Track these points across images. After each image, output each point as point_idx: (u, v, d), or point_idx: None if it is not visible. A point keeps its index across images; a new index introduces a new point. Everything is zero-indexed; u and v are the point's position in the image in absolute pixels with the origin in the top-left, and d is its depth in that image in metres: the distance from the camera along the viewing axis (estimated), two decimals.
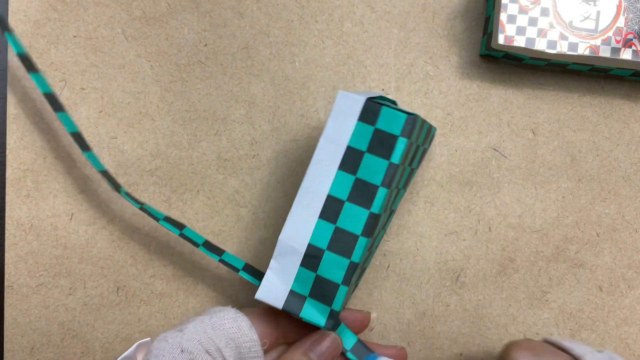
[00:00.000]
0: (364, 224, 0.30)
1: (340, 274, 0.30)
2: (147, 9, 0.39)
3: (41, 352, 0.38)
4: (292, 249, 0.30)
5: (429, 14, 0.39)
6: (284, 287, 0.30)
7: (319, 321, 0.30)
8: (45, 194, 0.38)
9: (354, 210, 0.30)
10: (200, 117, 0.39)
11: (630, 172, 0.39)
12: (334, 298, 0.30)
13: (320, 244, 0.30)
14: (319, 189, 0.30)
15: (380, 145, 0.29)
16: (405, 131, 0.29)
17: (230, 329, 0.31)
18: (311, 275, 0.30)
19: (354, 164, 0.30)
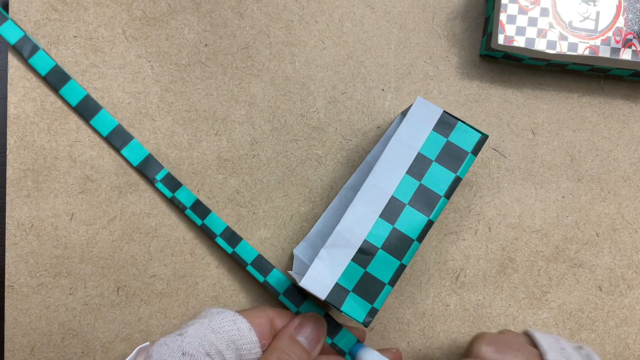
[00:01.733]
0: (421, 230, 0.31)
1: (389, 274, 0.30)
2: (148, 9, 0.39)
3: (41, 352, 0.38)
4: (347, 242, 0.30)
5: (429, 14, 0.39)
6: (331, 279, 0.30)
7: (359, 317, 0.30)
8: (45, 194, 0.38)
9: (413, 214, 0.31)
10: (201, 117, 0.39)
11: (629, 172, 0.39)
12: (377, 296, 0.30)
13: (376, 242, 0.30)
14: (384, 189, 0.31)
15: (450, 158, 0.31)
16: (476, 149, 0.31)
17: (230, 331, 0.31)
18: (360, 271, 0.30)
19: (421, 171, 0.31)
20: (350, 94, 0.39)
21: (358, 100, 0.39)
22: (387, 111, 0.39)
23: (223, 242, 0.37)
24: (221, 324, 0.31)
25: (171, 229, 0.38)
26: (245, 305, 0.38)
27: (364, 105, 0.39)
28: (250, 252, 0.36)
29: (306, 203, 0.39)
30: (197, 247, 0.38)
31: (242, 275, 0.38)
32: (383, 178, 0.31)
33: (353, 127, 0.39)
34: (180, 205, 0.37)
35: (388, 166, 0.31)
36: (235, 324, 0.31)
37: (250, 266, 0.36)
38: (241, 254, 0.36)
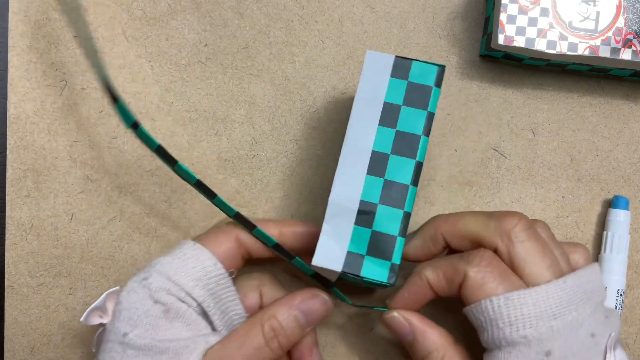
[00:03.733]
0: (412, 174, 0.30)
1: (396, 226, 0.30)
2: (148, 9, 0.39)
3: (41, 352, 0.38)
4: (344, 208, 0.30)
5: (429, 14, 0.39)
6: (341, 249, 0.30)
7: (381, 277, 0.29)
8: (45, 194, 0.38)
9: (400, 161, 0.30)
10: (201, 118, 0.39)
11: (629, 172, 0.39)
12: (393, 252, 0.30)
13: (373, 199, 0.30)
14: (362, 146, 0.31)
15: (416, 97, 0.31)
16: (438, 82, 0.31)
17: (193, 269, 0.30)
18: (367, 232, 0.30)
19: (393, 118, 0.31)
20: (350, 94, 0.39)
21: None
22: None
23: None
24: (183, 262, 0.30)
25: (171, 229, 0.38)
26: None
27: None
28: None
29: (306, 203, 0.39)
30: None
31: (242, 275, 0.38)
32: (358, 137, 0.31)
33: None
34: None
35: (359, 124, 0.31)
36: (198, 259, 0.31)
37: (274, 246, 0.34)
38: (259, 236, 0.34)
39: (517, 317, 0.27)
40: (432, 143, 0.39)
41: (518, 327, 0.27)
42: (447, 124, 0.39)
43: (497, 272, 0.29)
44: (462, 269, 0.29)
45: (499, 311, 0.28)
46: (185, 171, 0.31)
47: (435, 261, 0.31)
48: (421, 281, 0.31)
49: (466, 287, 0.29)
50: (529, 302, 0.27)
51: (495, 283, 0.28)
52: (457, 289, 0.30)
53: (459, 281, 0.29)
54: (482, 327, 0.29)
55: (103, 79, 0.30)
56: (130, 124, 0.30)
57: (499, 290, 0.28)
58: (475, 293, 0.29)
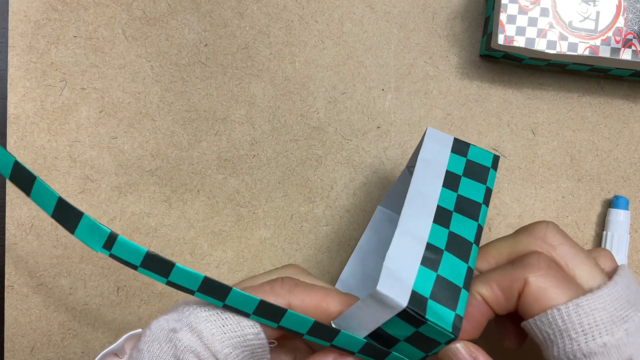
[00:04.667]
0: (475, 234, 0.29)
1: (461, 277, 0.27)
2: (147, 9, 0.39)
3: (41, 352, 0.38)
4: (410, 245, 0.27)
5: (429, 14, 0.39)
6: (406, 285, 0.26)
7: (445, 324, 0.26)
8: None
9: (463, 220, 0.29)
10: (201, 117, 0.39)
11: (629, 172, 0.39)
12: (457, 301, 0.26)
13: (439, 244, 0.28)
14: (428, 196, 0.30)
15: (474, 173, 0.31)
16: (494, 166, 0.32)
17: (231, 333, 0.26)
18: (432, 275, 0.27)
19: (454, 184, 0.31)
20: (350, 94, 0.39)
21: (358, 100, 0.39)
22: (387, 111, 0.39)
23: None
24: (222, 319, 0.26)
25: (171, 229, 0.38)
26: None
27: (364, 105, 0.39)
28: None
29: (306, 203, 0.39)
30: (197, 247, 0.38)
31: (242, 275, 0.38)
32: (424, 189, 0.30)
33: (353, 127, 0.39)
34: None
35: (423, 183, 0.30)
36: (240, 322, 0.26)
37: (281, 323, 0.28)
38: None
39: (590, 325, 0.25)
40: None
41: (594, 336, 0.25)
42: (447, 124, 0.39)
43: (559, 276, 0.26)
44: (520, 275, 0.26)
45: (570, 320, 0.25)
46: (186, 272, 0.26)
47: (485, 275, 0.28)
48: (475, 300, 0.27)
49: (528, 295, 0.26)
50: (599, 307, 0.25)
51: (559, 289, 0.26)
52: (517, 301, 0.27)
53: (518, 290, 0.26)
54: (550, 340, 0.26)
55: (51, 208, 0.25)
56: (103, 243, 0.25)
57: (564, 297, 0.25)
58: (538, 302, 0.26)
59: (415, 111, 0.39)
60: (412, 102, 0.39)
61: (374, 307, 0.26)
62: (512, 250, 0.28)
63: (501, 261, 0.28)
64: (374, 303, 0.26)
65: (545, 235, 0.28)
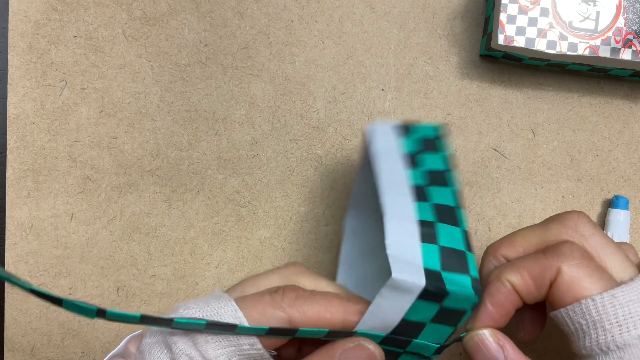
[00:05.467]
0: (454, 198, 0.29)
1: (460, 242, 0.27)
2: (147, 9, 0.39)
3: (41, 352, 0.38)
4: (404, 227, 0.27)
5: (429, 14, 0.39)
6: (416, 265, 0.26)
7: (466, 289, 0.25)
8: (45, 194, 0.38)
9: (438, 190, 0.29)
10: (201, 117, 0.39)
11: (629, 172, 0.39)
12: (467, 265, 0.26)
13: (428, 218, 0.28)
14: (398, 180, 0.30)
15: (428, 146, 0.32)
16: (443, 134, 0.32)
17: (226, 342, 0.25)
18: (435, 248, 0.27)
19: (415, 162, 0.31)
20: (350, 94, 0.39)
21: (358, 100, 0.39)
22: (387, 111, 0.39)
23: None
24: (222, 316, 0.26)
25: (171, 229, 0.38)
26: None
27: (364, 105, 0.39)
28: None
29: (306, 203, 0.39)
30: (197, 247, 0.38)
31: (242, 275, 0.38)
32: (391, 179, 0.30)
33: (353, 127, 0.39)
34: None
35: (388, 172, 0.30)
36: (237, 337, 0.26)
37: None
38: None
39: (625, 316, 0.24)
40: None
41: (629, 327, 0.24)
42: (447, 124, 0.39)
43: (592, 266, 0.25)
44: (553, 264, 0.25)
45: (605, 311, 0.24)
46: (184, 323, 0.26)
47: (515, 262, 0.27)
48: (505, 288, 0.27)
49: (560, 285, 0.25)
50: (634, 298, 0.24)
51: (592, 279, 0.25)
52: (547, 290, 0.26)
53: (550, 279, 0.26)
54: (582, 330, 0.25)
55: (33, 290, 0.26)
56: (93, 313, 0.25)
57: (597, 288, 0.25)
58: (571, 291, 0.25)
59: (415, 111, 0.39)
60: (412, 102, 0.39)
61: (393, 299, 0.26)
62: (542, 238, 0.27)
63: (529, 250, 0.28)
64: (392, 294, 0.25)
65: (577, 225, 0.27)
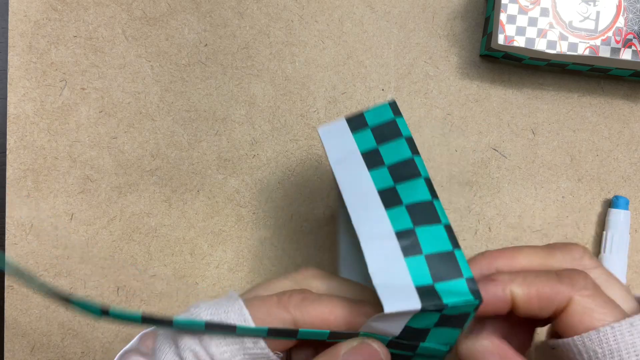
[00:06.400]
0: (427, 189, 0.28)
1: (445, 240, 0.26)
2: (147, 9, 0.39)
3: (41, 352, 0.38)
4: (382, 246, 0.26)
5: (429, 14, 0.39)
6: (407, 287, 0.25)
7: (464, 295, 0.25)
8: (45, 194, 0.38)
9: (408, 185, 0.28)
10: (201, 117, 0.39)
11: (630, 172, 0.39)
12: (458, 266, 0.25)
13: (405, 226, 0.26)
14: (363, 189, 0.28)
15: (385, 134, 0.29)
16: (396, 112, 0.29)
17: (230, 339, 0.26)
18: (421, 260, 0.26)
19: (377, 159, 0.29)
20: (350, 94, 0.39)
21: (358, 100, 0.39)
22: None
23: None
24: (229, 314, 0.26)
25: (171, 229, 0.38)
26: None
27: (364, 105, 0.39)
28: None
29: (306, 203, 0.39)
30: (197, 247, 0.38)
31: (242, 275, 0.38)
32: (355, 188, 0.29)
33: None
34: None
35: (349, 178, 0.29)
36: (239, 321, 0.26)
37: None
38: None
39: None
40: (432, 143, 0.39)
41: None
42: (447, 124, 0.39)
43: (604, 297, 0.26)
44: (566, 292, 0.26)
45: (623, 339, 0.24)
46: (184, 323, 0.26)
47: (526, 276, 0.27)
48: (502, 293, 0.26)
49: (573, 314, 0.25)
50: None
51: (604, 310, 0.25)
52: (550, 314, 0.26)
53: (558, 306, 0.26)
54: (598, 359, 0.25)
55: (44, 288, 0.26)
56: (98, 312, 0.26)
57: (609, 318, 0.25)
58: (584, 322, 0.25)
59: (415, 111, 0.39)
60: (412, 102, 0.39)
61: (390, 319, 0.25)
62: (545, 263, 0.28)
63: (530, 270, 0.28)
64: (389, 317, 0.25)
65: (582, 257, 0.28)
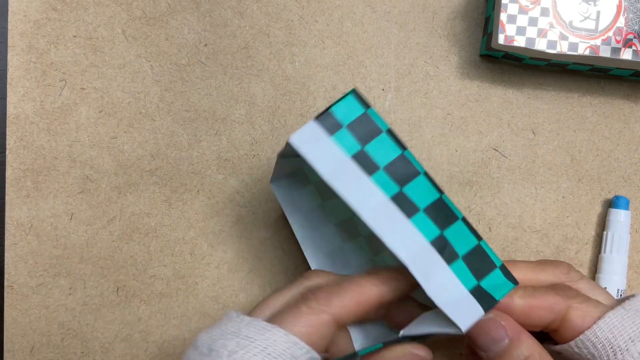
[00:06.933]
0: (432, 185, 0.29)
1: (468, 235, 0.28)
2: (147, 9, 0.39)
3: (41, 352, 0.37)
4: (425, 259, 0.27)
5: (429, 14, 0.39)
6: (465, 297, 0.27)
7: (505, 284, 0.28)
8: (45, 194, 0.38)
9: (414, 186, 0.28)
10: (200, 117, 0.39)
11: (630, 172, 0.39)
12: (488, 256, 0.28)
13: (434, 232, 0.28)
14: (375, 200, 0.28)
15: (365, 132, 0.29)
16: (363, 103, 0.29)
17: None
18: (461, 263, 0.28)
19: (369, 162, 0.28)
20: None
21: None
22: (387, 111, 0.39)
23: None
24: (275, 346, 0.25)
25: (171, 229, 0.38)
26: (245, 307, 0.38)
27: None
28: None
29: None
30: (197, 247, 0.38)
31: (242, 275, 0.38)
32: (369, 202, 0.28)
33: None
34: None
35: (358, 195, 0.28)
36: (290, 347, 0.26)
37: None
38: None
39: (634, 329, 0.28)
40: (432, 143, 0.39)
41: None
42: (447, 124, 0.39)
43: (595, 302, 0.29)
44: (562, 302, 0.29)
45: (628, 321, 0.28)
46: None
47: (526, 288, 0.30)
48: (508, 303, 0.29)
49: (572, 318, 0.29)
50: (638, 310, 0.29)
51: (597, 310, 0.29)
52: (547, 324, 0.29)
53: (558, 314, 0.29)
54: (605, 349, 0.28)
55: None
56: None
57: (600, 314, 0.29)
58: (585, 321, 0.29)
59: (415, 111, 0.39)
60: (412, 102, 0.39)
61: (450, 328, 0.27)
62: (537, 277, 0.31)
63: (523, 282, 0.31)
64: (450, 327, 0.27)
65: (570, 272, 0.31)
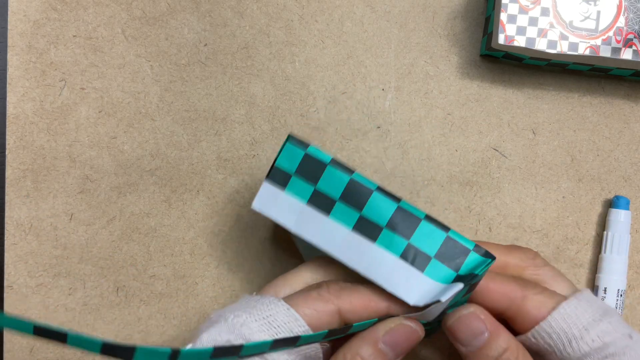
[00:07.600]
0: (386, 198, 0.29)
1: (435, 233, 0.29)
2: (147, 9, 0.39)
3: (41, 352, 0.37)
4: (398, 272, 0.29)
5: (429, 14, 0.39)
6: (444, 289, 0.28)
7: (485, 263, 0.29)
8: (45, 194, 0.38)
9: (370, 207, 0.29)
10: (200, 117, 0.39)
11: (630, 172, 0.39)
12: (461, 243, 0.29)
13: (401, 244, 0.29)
14: (342, 236, 0.30)
15: (310, 173, 0.30)
16: (302, 145, 0.30)
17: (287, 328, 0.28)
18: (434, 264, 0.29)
19: (325, 201, 0.30)
20: (350, 94, 0.39)
21: (358, 100, 0.39)
22: (387, 111, 0.39)
23: None
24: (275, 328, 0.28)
25: (171, 229, 0.38)
26: None
27: (364, 105, 0.39)
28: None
29: None
30: (197, 247, 0.38)
31: (242, 275, 0.38)
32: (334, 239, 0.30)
33: (353, 127, 0.39)
34: None
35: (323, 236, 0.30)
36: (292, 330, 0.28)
37: None
38: None
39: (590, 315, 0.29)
40: (432, 143, 0.39)
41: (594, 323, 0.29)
42: (447, 124, 0.39)
43: (551, 291, 0.30)
44: (519, 291, 0.30)
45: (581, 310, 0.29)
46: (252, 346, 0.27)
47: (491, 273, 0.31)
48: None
49: (528, 310, 0.30)
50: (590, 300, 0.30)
51: (552, 300, 0.30)
52: (502, 310, 0.30)
53: (512, 302, 0.30)
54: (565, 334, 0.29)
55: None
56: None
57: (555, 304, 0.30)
58: (538, 312, 0.30)
59: (415, 111, 0.39)
60: (412, 102, 0.39)
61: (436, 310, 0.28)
62: (505, 259, 0.32)
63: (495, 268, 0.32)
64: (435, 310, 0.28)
65: (535, 257, 0.32)
